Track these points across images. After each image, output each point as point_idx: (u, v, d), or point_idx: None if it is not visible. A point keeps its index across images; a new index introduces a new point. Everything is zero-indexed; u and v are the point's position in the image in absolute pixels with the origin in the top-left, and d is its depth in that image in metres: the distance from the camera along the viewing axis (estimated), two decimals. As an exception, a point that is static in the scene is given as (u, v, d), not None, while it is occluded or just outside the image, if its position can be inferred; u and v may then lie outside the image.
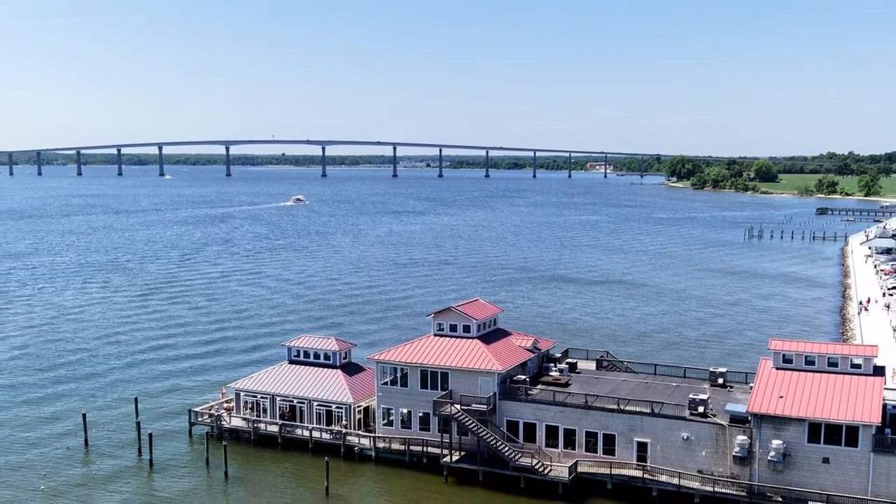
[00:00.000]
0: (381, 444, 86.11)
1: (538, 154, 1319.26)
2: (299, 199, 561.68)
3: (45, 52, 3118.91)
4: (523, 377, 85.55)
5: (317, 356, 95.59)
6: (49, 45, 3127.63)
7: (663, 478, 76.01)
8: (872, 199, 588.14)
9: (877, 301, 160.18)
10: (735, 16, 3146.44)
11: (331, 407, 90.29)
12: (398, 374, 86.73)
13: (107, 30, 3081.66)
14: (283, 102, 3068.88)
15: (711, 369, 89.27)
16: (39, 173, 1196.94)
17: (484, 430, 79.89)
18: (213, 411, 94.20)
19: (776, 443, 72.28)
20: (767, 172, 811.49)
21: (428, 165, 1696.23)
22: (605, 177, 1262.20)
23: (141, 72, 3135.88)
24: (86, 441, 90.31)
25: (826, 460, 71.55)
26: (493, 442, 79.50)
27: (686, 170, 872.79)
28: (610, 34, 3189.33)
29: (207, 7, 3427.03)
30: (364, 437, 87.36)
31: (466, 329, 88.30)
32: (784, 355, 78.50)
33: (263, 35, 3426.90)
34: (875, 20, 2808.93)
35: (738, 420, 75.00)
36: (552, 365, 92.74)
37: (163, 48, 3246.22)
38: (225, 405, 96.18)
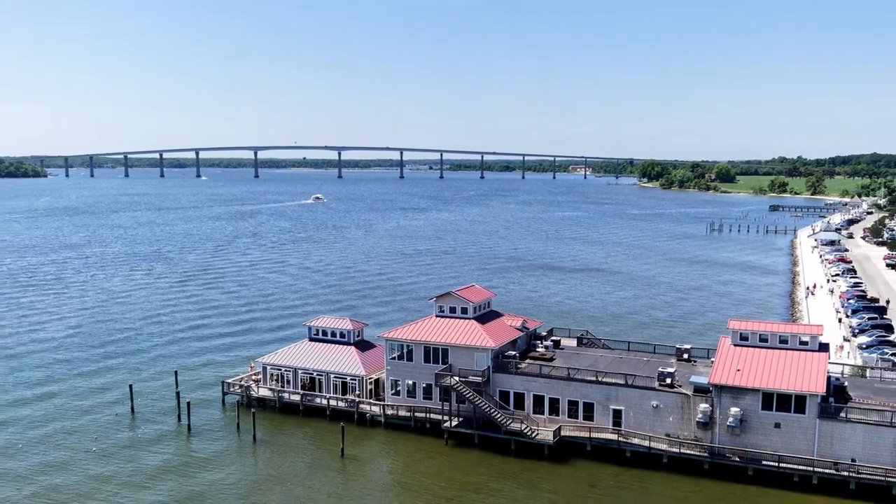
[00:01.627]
0: (389, 412, 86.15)
1: (526, 158, 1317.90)
2: (318, 198, 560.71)
3: (98, 68, 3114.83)
4: (514, 353, 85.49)
5: (333, 334, 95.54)
6: (101, 62, 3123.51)
7: (636, 441, 76.09)
8: (818, 197, 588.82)
9: (821, 286, 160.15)
10: (698, 36, 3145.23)
11: (346, 379, 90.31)
12: (404, 350, 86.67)
13: (151, 49, 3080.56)
14: (305, 113, 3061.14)
15: (678, 346, 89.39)
16: (91, 175, 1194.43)
17: (479, 399, 79.92)
18: (243, 382, 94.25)
19: (734, 410, 72.31)
20: (727, 174, 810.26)
21: (430, 168, 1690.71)
22: (585, 178, 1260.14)
23: (180, 86, 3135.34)
24: (132, 409, 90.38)
25: (777, 425, 71.59)
26: (487, 409, 79.54)
27: (655, 172, 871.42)
28: (589, 55, 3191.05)
29: (239, 30, 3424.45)
30: (375, 405, 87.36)
31: (464, 311, 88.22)
32: (741, 334, 78.52)
33: (287, 54, 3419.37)
34: (819, 42, 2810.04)
35: (700, 390, 75.01)
36: (539, 342, 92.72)
37: (200, 65, 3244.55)
38: (253, 377, 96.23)
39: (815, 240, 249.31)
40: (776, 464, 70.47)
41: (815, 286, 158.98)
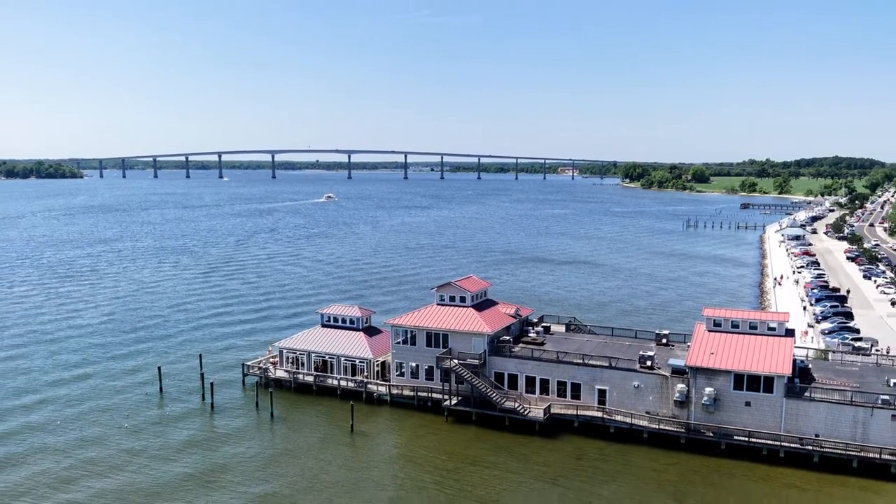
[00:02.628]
0: (394, 391, 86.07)
1: (519, 161, 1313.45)
2: (330, 197, 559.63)
3: (130, 79, 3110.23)
4: (508, 338, 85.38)
5: (344, 321, 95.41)
6: (133, 74, 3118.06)
7: (619, 417, 76.02)
8: (784, 196, 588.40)
9: (788, 277, 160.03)
10: (675, 51, 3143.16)
11: (355, 361, 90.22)
12: (408, 335, 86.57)
13: (179, 61, 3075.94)
14: (318, 119, 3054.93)
15: (657, 331, 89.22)
16: (123, 176, 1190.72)
17: (476, 380, 79.87)
18: (261, 365, 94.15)
19: (708, 390, 72.23)
20: (701, 175, 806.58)
21: (432, 170, 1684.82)
22: (573, 179, 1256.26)
23: (205, 95, 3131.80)
24: (160, 388, 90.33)
25: (748, 404, 71.53)
26: (483, 389, 79.47)
27: (637, 173, 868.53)
28: (577, 68, 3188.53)
29: (259, 44, 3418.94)
30: (381, 385, 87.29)
31: (463, 299, 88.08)
32: (714, 320, 78.41)
33: (302, 66, 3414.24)
34: (785, 55, 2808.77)
35: (678, 372, 74.95)
36: (530, 328, 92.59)
37: (223, 76, 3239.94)
38: (271, 360, 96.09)
39: (782, 235, 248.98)
40: (746, 439, 70.43)
41: (781, 277, 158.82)
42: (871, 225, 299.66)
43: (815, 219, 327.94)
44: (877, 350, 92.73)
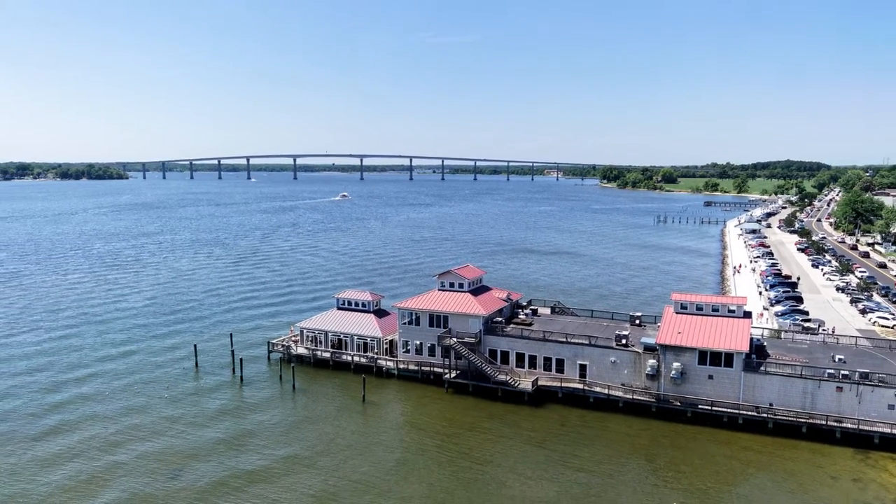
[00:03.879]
0: (401, 366, 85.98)
1: (510, 164, 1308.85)
2: (344, 196, 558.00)
3: (169, 92, 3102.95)
4: (500, 319, 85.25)
5: (357, 304, 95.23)
6: (172, 87, 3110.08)
7: (598, 389, 75.95)
8: (743, 195, 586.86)
9: (745, 266, 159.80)
10: (649, 66, 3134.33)
11: (366, 339, 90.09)
12: (413, 317, 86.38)
13: (212, 76, 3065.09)
14: (334, 127, 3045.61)
15: (631, 313, 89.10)
16: (164, 177, 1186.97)
17: (473, 356, 79.75)
18: (284, 343, 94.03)
19: (676, 365, 72.14)
20: (670, 177, 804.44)
21: (434, 172, 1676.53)
22: (557, 180, 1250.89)
23: (236, 106, 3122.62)
24: (196, 364, 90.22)
25: (711, 377, 71.46)
26: (479, 364, 79.38)
27: (614, 174, 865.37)
28: (562, 82, 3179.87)
29: (282, 61, 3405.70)
30: (390, 360, 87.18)
31: (461, 285, 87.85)
32: (681, 303, 78.24)
33: (321, 80, 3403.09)
34: (744, 70, 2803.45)
35: (649, 349, 74.83)
36: (520, 310, 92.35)
37: (251, 89, 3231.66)
38: (293, 338, 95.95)
39: (741, 229, 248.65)
40: (709, 407, 70.38)
41: (740, 266, 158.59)
42: (819, 220, 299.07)
43: (769, 215, 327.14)
44: (823, 330, 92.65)
